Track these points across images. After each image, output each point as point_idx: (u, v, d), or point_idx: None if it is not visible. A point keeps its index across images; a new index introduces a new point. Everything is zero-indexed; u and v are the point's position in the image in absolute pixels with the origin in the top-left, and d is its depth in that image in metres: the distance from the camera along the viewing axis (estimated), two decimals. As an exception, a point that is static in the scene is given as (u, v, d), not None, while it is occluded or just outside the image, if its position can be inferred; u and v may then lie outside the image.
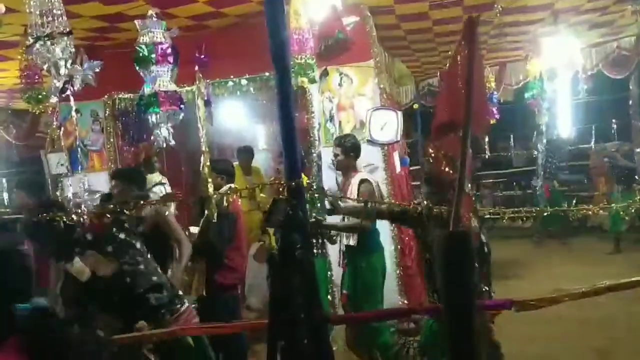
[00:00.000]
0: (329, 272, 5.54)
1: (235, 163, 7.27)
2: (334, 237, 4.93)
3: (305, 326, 2.15)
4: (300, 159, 2.60)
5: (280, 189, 2.27)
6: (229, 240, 4.64)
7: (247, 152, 7.63)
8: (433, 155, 2.60)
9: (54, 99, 3.38)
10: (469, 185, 2.53)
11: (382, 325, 4.55)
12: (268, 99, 7.10)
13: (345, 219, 4.67)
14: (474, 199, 2.86)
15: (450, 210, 0.84)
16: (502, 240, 9.00)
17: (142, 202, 3.41)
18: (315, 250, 4.92)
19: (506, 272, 7.86)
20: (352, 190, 4.67)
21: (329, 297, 5.57)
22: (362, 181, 4.68)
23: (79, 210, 3.35)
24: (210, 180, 2.99)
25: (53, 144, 6.32)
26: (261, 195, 5.49)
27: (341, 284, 4.93)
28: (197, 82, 3.33)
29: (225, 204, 3.38)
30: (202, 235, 4.68)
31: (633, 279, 2.80)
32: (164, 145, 4.63)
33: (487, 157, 11.13)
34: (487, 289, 3.43)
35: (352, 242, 4.67)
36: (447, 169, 2.50)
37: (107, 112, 6.53)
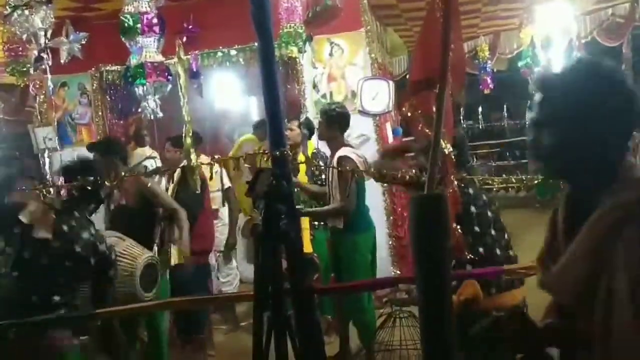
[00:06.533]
0: None
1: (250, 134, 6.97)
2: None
3: (291, 297, 2.14)
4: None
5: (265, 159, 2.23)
6: (197, 206, 4.62)
7: (264, 125, 7.28)
8: (409, 115, 2.44)
9: (31, 70, 3.31)
10: (450, 146, 2.43)
11: (364, 304, 4.22)
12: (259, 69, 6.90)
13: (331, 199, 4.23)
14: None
15: (427, 171, 0.80)
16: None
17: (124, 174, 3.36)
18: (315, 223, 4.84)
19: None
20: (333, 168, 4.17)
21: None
22: (341, 159, 4.10)
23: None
24: (192, 150, 2.96)
25: (40, 118, 6.23)
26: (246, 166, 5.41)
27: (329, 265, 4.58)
28: (177, 49, 3.26)
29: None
30: None
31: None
32: (152, 118, 4.57)
33: (480, 127, 11.09)
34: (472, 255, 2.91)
35: (339, 224, 4.18)
36: (425, 129, 2.37)
37: (95, 85, 6.46)
